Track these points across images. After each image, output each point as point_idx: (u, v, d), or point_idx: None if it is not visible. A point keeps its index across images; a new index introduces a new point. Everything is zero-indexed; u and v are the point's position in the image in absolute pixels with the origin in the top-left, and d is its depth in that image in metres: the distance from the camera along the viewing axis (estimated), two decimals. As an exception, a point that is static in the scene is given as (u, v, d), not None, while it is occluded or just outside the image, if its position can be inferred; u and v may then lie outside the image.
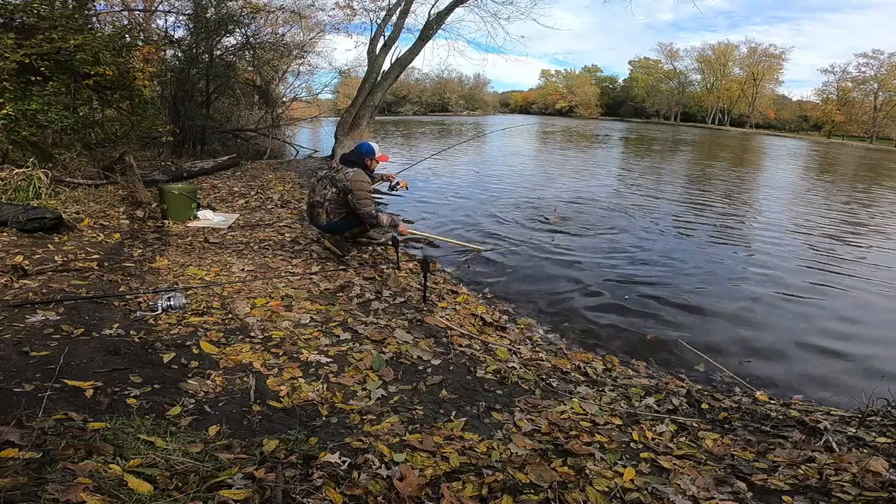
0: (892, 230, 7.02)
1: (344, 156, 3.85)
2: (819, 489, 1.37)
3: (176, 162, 7.67)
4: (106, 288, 2.72)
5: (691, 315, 3.54)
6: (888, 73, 43.90)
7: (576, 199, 7.65)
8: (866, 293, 4.23)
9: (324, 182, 3.76)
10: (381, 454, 1.41)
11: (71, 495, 0.96)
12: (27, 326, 2.10)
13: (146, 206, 4.77)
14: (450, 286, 3.64)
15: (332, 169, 3.79)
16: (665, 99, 60.43)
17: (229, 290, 2.89)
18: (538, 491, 1.31)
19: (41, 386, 1.60)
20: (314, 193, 3.80)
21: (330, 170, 3.80)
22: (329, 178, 3.73)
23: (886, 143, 42.55)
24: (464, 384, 2.12)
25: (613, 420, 1.83)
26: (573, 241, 5.30)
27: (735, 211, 7.70)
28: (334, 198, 3.69)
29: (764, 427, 1.84)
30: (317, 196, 3.77)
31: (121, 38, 6.09)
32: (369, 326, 2.59)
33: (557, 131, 29.52)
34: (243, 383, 1.88)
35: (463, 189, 8.20)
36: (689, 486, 1.36)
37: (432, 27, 9.43)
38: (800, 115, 53.50)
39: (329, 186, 3.71)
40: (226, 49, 9.62)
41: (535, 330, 3.14)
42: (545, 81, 68.78)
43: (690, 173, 12.81)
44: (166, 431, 1.42)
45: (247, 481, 1.16)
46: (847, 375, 2.84)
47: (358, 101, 9.91)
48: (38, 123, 4.59)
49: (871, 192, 11.31)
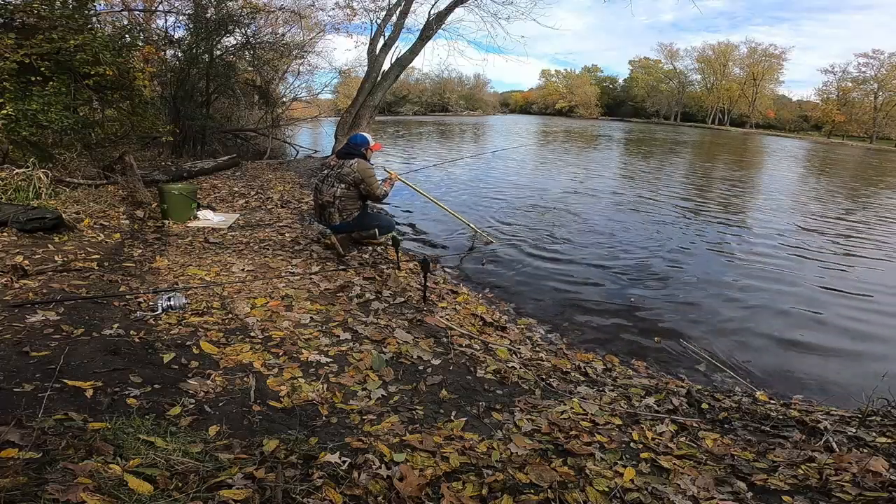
0: (892, 231, 7.02)
1: (340, 151, 3.85)
2: (819, 489, 1.37)
3: (176, 162, 7.66)
4: (106, 288, 2.72)
5: (691, 315, 3.54)
6: (888, 73, 43.85)
7: (576, 200, 7.65)
8: (867, 294, 4.23)
9: (329, 181, 3.74)
10: (381, 454, 1.41)
11: (71, 495, 0.96)
12: (27, 326, 2.10)
13: (146, 206, 4.77)
14: (450, 286, 3.64)
15: (332, 167, 3.77)
16: (665, 99, 60.39)
17: (229, 290, 2.89)
18: (538, 491, 1.31)
19: (41, 386, 1.60)
20: (321, 195, 3.79)
21: (331, 168, 3.79)
22: (335, 176, 3.71)
23: (887, 143, 42.52)
24: (464, 384, 2.12)
25: (613, 420, 1.83)
26: (573, 241, 5.30)
27: (736, 212, 7.70)
28: (344, 194, 3.68)
29: (764, 427, 1.84)
30: (325, 196, 3.75)
31: (121, 38, 6.08)
32: (369, 326, 2.59)
33: (558, 132, 29.52)
34: (243, 383, 1.88)
35: (462, 189, 8.19)
36: (689, 486, 1.36)
37: (432, 27, 9.43)
38: (800, 115, 53.43)
39: (336, 184, 3.69)
40: (226, 49, 9.60)
41: (535, 330, 3.14)
42: (545, 81, 68.79)
43: (691, 174, 12.81)
44: (166, 431, 1.42)
45: (247, 481, 1.16)
46: (847, 375, 2.84)
47: (358, 101, 9.92)
48: (38, 123, 4.59)
49: (874, 194, 11.31)
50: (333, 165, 3.77)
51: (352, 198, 3.70)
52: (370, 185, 3.64)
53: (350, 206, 3.71)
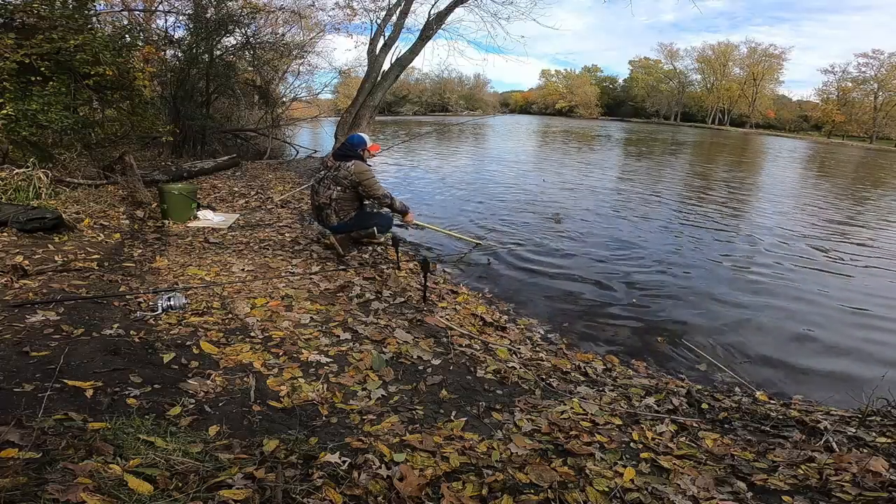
0: (893, 231, 7.02)
1: (336, 152, 3.82)
2: (819, 489, 1.37)
3: (176, 162, 7.66)
4: (106, 288, 2.72)
5: (691, 315, 3.54)
6: (888, 73, 43.88)
7: (576, 200, 7.64)
8: (867, 294, 4.23)
9: (326, 183, 3.73)
10: (381, 454, 1.41)
11: (71, 495, 0.96)
12: (27, 326, 2.10)
13: (146, 206, 4.77)
14: (450, 286, 3.64)
15: (329, 168, 3.76)
16: (665, 99, 60.40)
17: (229, 290, 2.89)
18: (538, 491, 1.31)
19: (41, 386, 1.60)
20: (318, 196, 3.78)
21: (328, 170, 3.78)
22: (331, 178, 3.70)
23: (886, 143, 42.53)
24: (464, 384, 2.12)
25: (613, 420, 1.83)
26: (573, 241, 5.30)
27: (736, 212, 7.69)
28: (341, 196, 3.67)
29: (764, 427, 1.84)
30: (322, 198, 3.74)
31: (121, 38, 6.07)
32: (369, 326, 2.59)
33: (557, 132, 29.51)
34: (243, 383, 1.88)
35: (462, 189, 8.19)
36: (689, 486, 1.36)
37: (432, 27, 9.42)
38: (800, 115, 53.45)
39: (332, 186, 3.69)
40: (226, 49, 9.60)
41: (535, 330, 3.14)
42: (545, 81, 68.78)
43: (691, 174, 12.81)
44: (166, 431, 1.42)
45: (247, 481, 1.16)
46: (847, 375, 2.84)
47: (358, 101, 9.90)
48: (38, 123, 4.59)
49: (875, 194, 11.31)
50: (330, 167, 3.75)
51: (349, 199, 3.69)
52: (370, 187, 3.63)
53: (347, 206, 3.71)
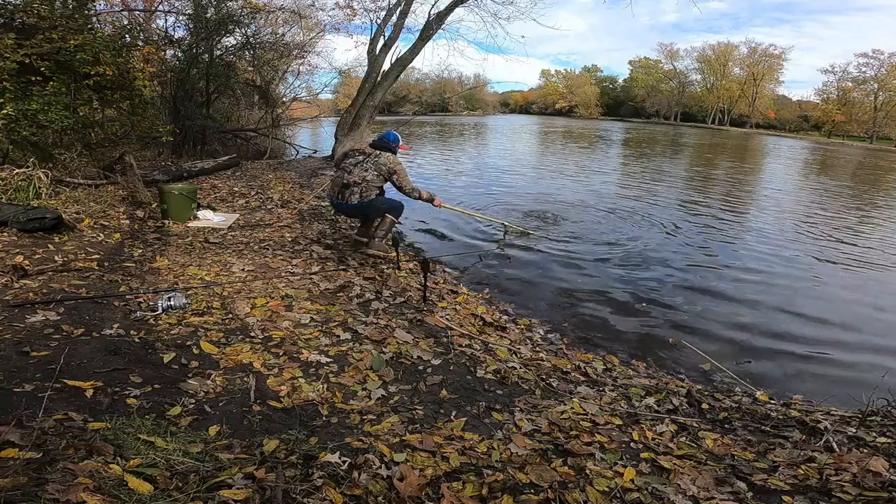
0: (893, 231, 7.02)
1: (376, 142, 4.16)
2: (819, 489, 1.37)
3: (176, 162, 7.66)
4: (106, 288, 2.72)
5: (691, 315, 3.54)
6: (888, 73, 43.85)
7: (576, 200, 7.64)
8: (868, 294, 4.23)
9: (364, 165, 4.01)
10: (382, 454, 1.41)
11: (71, 495, 0.96)
12: (27, 326, 2.10)
13: (146, 206, 4.77)
14: (450, 286, 3.64)
15: (368, 155, 4.04)
16: (665, 99, 60.33)
17: (229, 290, 2.89)
18: (538, 491, 1.31)
19: (41, 386, 1.60)
20: (350, 174, 4.01)
21: (366, 156, 4.04)
22: (371, 163, 4.00)
23: (887, 143, 42.51)
24: (464, 384, 2.12)
25: (613, 420, 1.83)
26: (573, 241, 5.30)
27: (736, 212, 7.69)
28: (374, 179, 3.98)
29: (764, 427, 1.84)
30: (354, 177, 3.99)
31: (121, 38, 6.08)
32: (369, 326, 2.59)
33: (556, 132, 29.51)
34: (243, 383, 1.88)
35: (462, 189, 8.20)
36: (689, 486, 1.36)
37: (432, 27, 9.41)
38: (800, 115, 53.38)
39: (371, 169, 3.98)
40: (226, 49, 9.61)
41: (535, 330, 3.14)
42: (545, 81, 68.78)
43: (691, 174, 12.82)
44: (166, 431, 1.42)
45: (247, 481, 1.16)
46: (847, 375, 2.84)
47: (358, 101, 9.90)
48: (38, 123, 4.59)
49: (876, 194, 11.31)
50: (370, 154, 4.04)
51: (377, 184, 4.02)
52: (402, 178, 4.00)
53: (372, 189, 4.00)
